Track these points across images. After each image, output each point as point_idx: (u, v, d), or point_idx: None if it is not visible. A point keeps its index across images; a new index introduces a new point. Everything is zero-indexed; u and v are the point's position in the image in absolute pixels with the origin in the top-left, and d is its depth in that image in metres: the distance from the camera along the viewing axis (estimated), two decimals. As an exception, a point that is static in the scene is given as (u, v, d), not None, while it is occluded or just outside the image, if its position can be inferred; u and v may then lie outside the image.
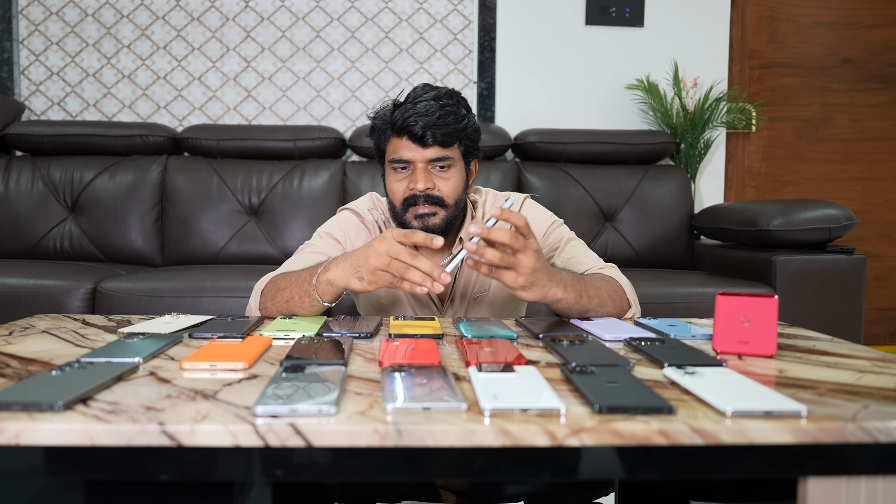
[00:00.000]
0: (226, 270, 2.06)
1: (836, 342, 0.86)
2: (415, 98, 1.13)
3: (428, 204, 1.13)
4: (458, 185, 1.16)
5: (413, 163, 1.13)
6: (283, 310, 1.04)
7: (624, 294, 1.11)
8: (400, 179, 1.15)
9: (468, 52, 2.77)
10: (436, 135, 1.10)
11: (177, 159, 2.49)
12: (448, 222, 1.16)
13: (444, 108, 1.11)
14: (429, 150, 1.12)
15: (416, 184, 1.12)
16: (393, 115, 1.13)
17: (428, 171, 1.14)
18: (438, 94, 1.13)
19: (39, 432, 0.49)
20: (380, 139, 1.19)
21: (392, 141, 1.15)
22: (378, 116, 1.18)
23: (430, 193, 1.13)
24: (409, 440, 0.49)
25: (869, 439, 0.51)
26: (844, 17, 2.91)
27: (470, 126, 1.16)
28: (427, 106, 1.10)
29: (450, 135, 1.12)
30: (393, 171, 1.16)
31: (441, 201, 1.14)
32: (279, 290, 1.04)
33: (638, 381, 0.60)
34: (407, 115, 1.10)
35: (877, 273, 2.95)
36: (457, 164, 1.16)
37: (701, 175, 2.84)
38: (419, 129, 1.10)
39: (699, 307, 1.88)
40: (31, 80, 2.71)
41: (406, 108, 1.11)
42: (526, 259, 0.90)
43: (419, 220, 1.14)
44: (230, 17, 2.73)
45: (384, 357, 0.70)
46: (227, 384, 0.61)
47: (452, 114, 1.12)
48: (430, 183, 1.13)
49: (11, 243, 2.36)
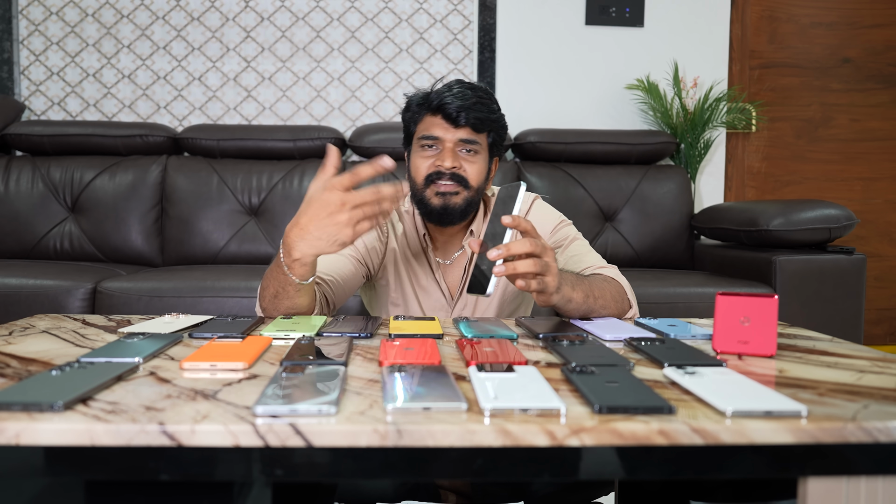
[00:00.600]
0: (226, 270, 2.06)
1: (836, 342, 0.86)
2: (451, 84, 1.18)
3: (452, 182, 1.15)
4: (482, 171, 1.19)
5: (442, 141, 1.16)
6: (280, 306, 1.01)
7: (625, 294, 1.12)
8: (426, 157, 1.18)
9: (468, 52, 2.77)
10: (469, 117, 1.14)
11: (177, 159, 2.49)
12: (468, 204, 1.18)
13: (479, 96, 1.16)
14: (460, 131, 1.15)
15: (443, 161, 1.15)
16: (430, 95, 1.17)
17: (455, 152, 1.16)
18: (474, 85, 1.19)
19: (39, 432, 0.49)
20: (412, 118, 1.21)
21: (425, 119, 1.18)
22: (414, 96, 1.22)
23: (455, 172, 1.15)
24: (409, 440, 0.49)
25: (869, 439, 0.51)
26: (844, 17, 2.91)
27: (500, 119, 1.21)
28: (463, 92, 1.15)
29: (482, 120, 1.15)
30: (420, 148, 1.19)
31: (465, 181, 1.16)
32: (264, 289, 1.03)
33: (638, 381, 0.60)
34: (444, 95, 1.15)
35: (877, 273, 2.95)
36: (483, 151, 1.19)
37: (701, 175, 2.84)
38: (454, 108, 1.13)
39: (699, 307, 1.88)
40: (31, 80, 2.71)
41: (442, 90, 1.16)
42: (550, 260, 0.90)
43: (440, 197, 1.16)
44: (230, 17, 2.73)
45: (384, 357, 0.70)
46: (227, 384, 0.61)
47: (486, 104, 1.17)
48: (457, 162, 1.16)
49: (11, 243, 2.36)
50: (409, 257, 1.26)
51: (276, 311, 1.03)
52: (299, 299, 0.99)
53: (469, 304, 1.26)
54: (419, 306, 1.26)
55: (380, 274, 1.27)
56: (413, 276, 1.26)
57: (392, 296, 1.26)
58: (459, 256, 1.27)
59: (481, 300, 1.26)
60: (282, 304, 1.00)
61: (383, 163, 0.84)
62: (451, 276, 1.27)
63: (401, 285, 1.25)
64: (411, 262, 1.26)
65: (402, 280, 1.25)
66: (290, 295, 0.98)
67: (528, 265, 0.87)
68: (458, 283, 1.26)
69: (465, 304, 1.26)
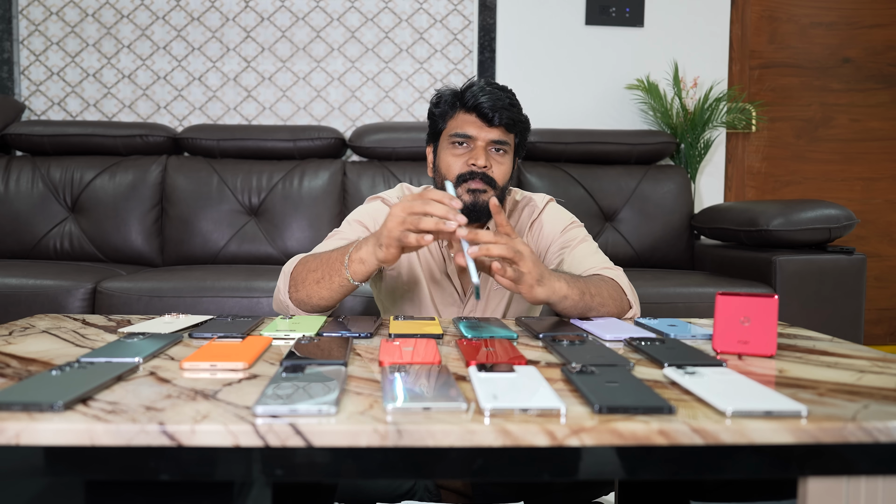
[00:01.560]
0: (226, 270, 2.06)
1: (836, 342, 0.86)
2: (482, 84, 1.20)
3: (482, 181, 1.18)
4: (508, 171, 1.22)
5: (475, 140, 1.18)
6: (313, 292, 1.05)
7: (624, 294, 1.12)
8: (458, 155, 1.20)
9: (468, 52, 2.77)
10: (503, 116, 1.16)
11: (177, 159, 2.49)
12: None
13: (510, 98, 1.19)
14: (493, 131, 1.18)
15: (476, 160, 1.17)
16: (464, 94, 1.19)
17: (487, 151, 1.19)
18: (504, 87, 1.21)
19: (39, 432, 0.49)
20: (442, 116, 1.23)
21: (458, 116, 1.20)
22: (445, 92, 1.24)
23: (485, 172, 1.18)
24: (409, 440, 0.49)
25: (869, 439, 0.51)
26: (844, 17, 2.91)
27: (527, 122, 1.25)
28: (495, 92, 1.18)
29: (514, 120, 1.19)
30: (451, 146, 1.20)
31: (493, 182, 1.19)
32: (310, 271, 1.06)
33: (638, 381, 0.60)
34: (479, 95, 1.17)
35: (877, 273, 2.95)
36: (510, 152, 1.22)
37: (701, 175, 2.84)
38: (489, 108, 1.16)
39: (699, 307, 1.88)
40: (31, 80, 2.71)
41: (476, 90, 1.18)
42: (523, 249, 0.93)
43: (471, 194, 1.18)
44: (230, 17, 2.73)
45: (384, 357, 0.70)
46: (227, 384, 0.61)
47: (516, 105, 1.20)
48: (489, 162, 1.18)
49: (11, 243, 2.36)
50: (425, 252, 1.26)
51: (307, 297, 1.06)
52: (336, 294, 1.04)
53: (481, 301, 1.27)
54: (432, 301, 1.26)
55: (393, 267, 1.27)
56: (427, 271, 1.26)
57: (405, 289, 1.27)
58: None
59: (491, 300, 1.27)
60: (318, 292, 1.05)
61: (453, 203, 0.91)
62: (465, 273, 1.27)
63: (415, 278, 1.26)
64: (426, 257, 1.26)
65: (416, 273, 1.26)
66: (333, 287, 1.03)
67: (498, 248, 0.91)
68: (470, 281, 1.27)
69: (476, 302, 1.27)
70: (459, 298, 1.26)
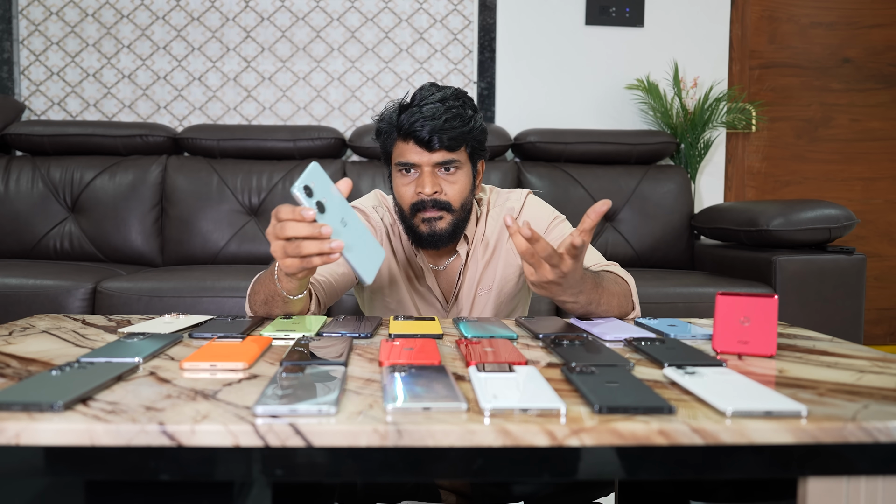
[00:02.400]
0: (226, 270, 2.06)
1: (836, 342, 0.86)
2: (421, 100, 1.11)
3: (435, 209, 1.13)
4: (464, 189, 1.16)
5: (420, 166, 1.13)
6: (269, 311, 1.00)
7: (631, 297, 1.11)
8: (407, 183, 1.15)
9: (468, 52, 2.77)
10: (442, 139, 1.09)
11: (177, 159, 2.49)
12: (455, 226, 1.17)
13: (451, 110, 1.10)
14: (435, 154, 1.11)
15: (423, 188, 1.12)
16: (399, 118, 1.12)
17: (435, 175, 1.13)
18: (444, 95, 1.12)
19: (39, 432, 0.49)
20: (385, 142, 1.18)
21: (398, 144, 1.15)
22: (384, 119, 1.17)
23: (437, 198, 1.13)
24: (409, 440, 0.49)
25: (869, 439, 0.51)
26: (844, 17, 2.91)
27: (477, 128, 1.15)
28: (433, 109, 1.09)
29: (456, 138, 1.11)
30: (400, 174, 1.16)
31: (448, 206, 1.14)
32: (255, 293, 1.02)
33: (638, 381, 0.60)
34: (413, 120, 1.09)
35: (877, 273, 2.95)
36: (463, 166, 1.16)
37: (701, 175, 2.84)
38: (426, 133, 1.09)
39: (699, 307, 1.88)
40: (31, 80, 2.71)
41: (412, 112, 1.10)
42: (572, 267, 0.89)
43: (426, 223, 1.15)
44: (230, 17, 2.73)
45: (384, 357, 0.70)
46: (227, 384, 0.61)
47: (459, 116, 1.11)
48: (438, 187, 1.13)
49: (11, 243, 2.36)
50: (405, 262, 1.26)
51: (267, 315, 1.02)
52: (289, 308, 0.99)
53: (465, 308, 1.26)
54: (416, 309, 1.26)
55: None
56: (408, 281, 1.26)
57: (388, 299, 1.26)
58: (453, 262, 1.26)
59: (477, 304, 1.25)
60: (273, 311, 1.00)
61: (304, 214, 0.75)
62: (445, 281, 1.27)
63: (395, 287, 1.25)
64: (406, 268, 1.26)
65: (399, 283, 1.25)
66: (279, 305, 0.98)
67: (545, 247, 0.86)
68: (451, 288, 1.26)
69: (461, 308, 1.26)
70: (442, 307, 1.26)
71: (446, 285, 1.26)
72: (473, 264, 1.25)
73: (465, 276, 1.25)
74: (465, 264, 1.24)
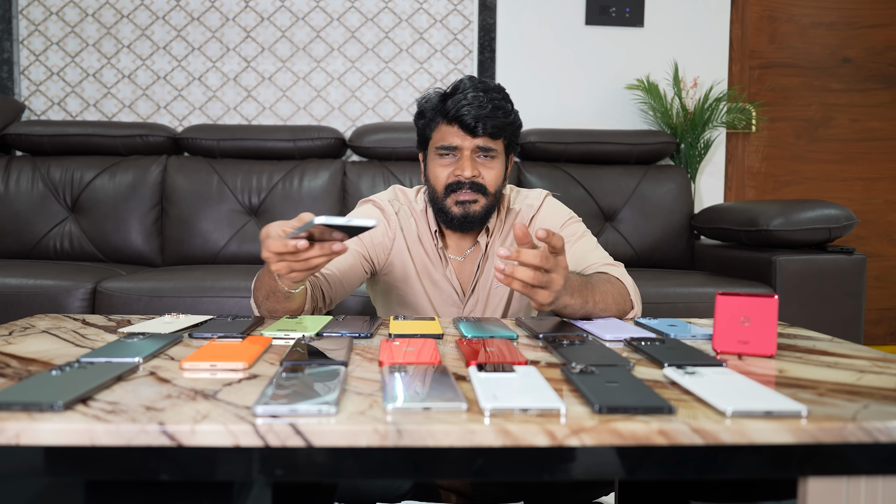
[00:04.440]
0: (226, 270, 2.06)
1: (836, 342, 0.86)
2: (465, 89, 1.16)
3: (471, 191, 1.17)
4: (499, 176, 1.21)
5: (460, 150, 1.17)
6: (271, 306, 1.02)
7: (628, 296, 1.12)
8: (445, 165, 1.19)
9: (468, 52, 2.77)
10: (486, 126, 1.14)
11: (177, 159, 2.49)
12: (487, 211, 1.20)
13: (494, 101, 1.16)
14: (477, 140, 1.16)
15: (462, 170, 1.16)
16: (445, 103, 1.17)
17: (474, 159, 1.18)
18: (487, 86, 1.18)
19: (39, 432, 0.49)
20: (427, 126, 1.22)
21: (441, 128, 1.19)
22: (428, 102, 1.21)
23: (474, 181, 1.17)
24: (409, 440, 0.49)
25: (869, 439, 0.51)
26: (844, 17, 2.91)
27: (516, 122, 1.21)
28: (478, 98, 1.14)
29: (499, 127, 1.16)
30: (438, 156, 1.20)
31: (484, 189, 1.18)
32: (257, 290, 1.04)
33: (638, 381, 0.60)
34: (460, 105, 1.14)
35: (877, 273, 2.95)
36: (499, 156, 1.20)
37: (701, 175, 2.84)
38: (471, 119, 1.13)
39: (699, 307, 1.88)
40: (31, 80, 2.71)
41: (458, 99, 1.15)
42: (558, 277, 0.91)
43: (460, 206, 1.18)
44: (230, 17, 2.73)
45: (384, 357, 0.70)
46: (227, 384, 0.61)
47: (502, 108, 1.17)
48: (476, 171, 1.17)
49: (11, 243, 2.36)
50: (421, 253, 1.26)
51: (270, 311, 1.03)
52: (289, 303, 1.01)
53: (481, 299, 1.27)
54: (429, 302, 1.26)
55: (385, 269, 1.27)
56: (424, 272, 1.26)
57: (400, 292, 1.27)
58: (472, 253, 1.27)
59: (492, 298, 1.26)
60: (274, 306, 1.02)
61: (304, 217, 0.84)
62: (464, 272, 1.27)
63: (409, 281, 1.26)
64: (422, 258, 1.26)
65: (411, 276, 1.25)
66: (280, 299, 1.00)
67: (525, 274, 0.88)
68: (469, 279, 1.27)
69: (477, 300, 1.27)
70: (459, 299, 1.26)
71: (464, 277, 1.27)
72: (492, 257, 1.26)
73: (484, 268, 1.26)
74: (485, 255, 1.26)
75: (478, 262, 1.26)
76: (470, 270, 1.28)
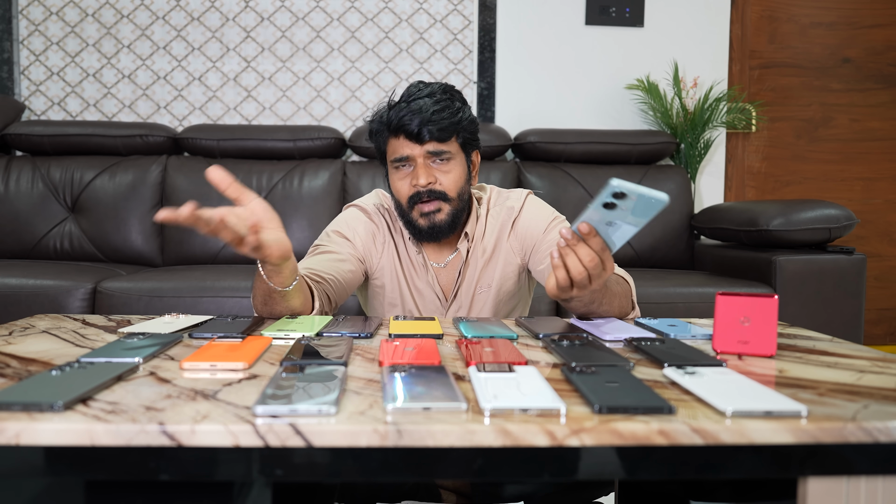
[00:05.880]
0: (226, 270, 2.06)
1: (836, 342, 0.86)
2: (408, 97, 1.15)
3: (432, 199, 1.15)
4: (459, 178, 1.18)
5: (413, 158, 1.15)
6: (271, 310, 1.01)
7: (630, 297, 1.12)
8: (403, 177, 1.17)
9: (468, 52, 2.77)
10: (432, 131, 1.12)
11: (177, 159, 2.49)
12: (454, 217, 1.18)
13: (439, 102, 1.13)
14: (427, 146, 1.14)
15: (417, 179, 1.14)
16: (388, 115, 1.15)
17: (428, 166, 1.15)
18: (432, 90, 1.15)
19: (39, 432, 0.49)
20: (379, 141, 1.20)
21: (390, 141, 1.17)
22: (374, 119, 1.20)
23: (432, 188, 1.15)
24: (409, 440, 0.49)
25: (869, 439, 0.51)
26: (844, 17, 2.91)
27: (465, 118, 1.18)
28: (421, 103, 1.12)
29: (445, 129, 1.13)
30: (395, 170, 1.18)
31: (444, 195, 1.16)
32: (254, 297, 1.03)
33: (638, 381, 0.60)
34: (402, 115, 1.12)
35: (877, 273, 2.95)
36: (456, 156, 1.18)
37: (701, 175, 2.84)
38: (415, 126, 1.12)
39: (699, 307, 1.88)
40: (31, 80, 2.71)
41: (400, 108, 1.13)
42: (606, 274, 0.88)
43: (425, 217, 1.16)
44: (230, 17, 2.73)
45: (384, 357, 0.70)
46: (227, 384, 0.61)
47: (447, 108, 1.14)
48: (432, 177, 1.15)
49: (11, 243, 2.36)
50: (406, 259, 1.26)
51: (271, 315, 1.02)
52: (288, 303, 0.99)
53: (464, 305, 1.26)
54: (416, 307, 1.26)
55: (376, 274, 1.27)
56: (409, 278, 1.26)
57: (389, 297, 1.27)
58: (453, 259, 1.26)
59: (476, 302, 1.26)
60: (274, 309, 1.00)
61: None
62: (445, 278, 1.27)
63: (398, 287, 1.26)
64: (406, 265, 1.26)
65: (399, 281, 1.26)
66: (277, 301, 0.98)
67: (587, 254, 0.84)
68: (451, 285, 1.26)
69: (460, 306, 1.27)
70: (441, 305, 1.26)
71: (446, 283, 1.27)
72: (473, 262, 1.25)
73: (465, 274, 1.25)
74: (466, 261, 1.25)
75: (459, 269, 1.25)
76: (451, 277, 1.27)
